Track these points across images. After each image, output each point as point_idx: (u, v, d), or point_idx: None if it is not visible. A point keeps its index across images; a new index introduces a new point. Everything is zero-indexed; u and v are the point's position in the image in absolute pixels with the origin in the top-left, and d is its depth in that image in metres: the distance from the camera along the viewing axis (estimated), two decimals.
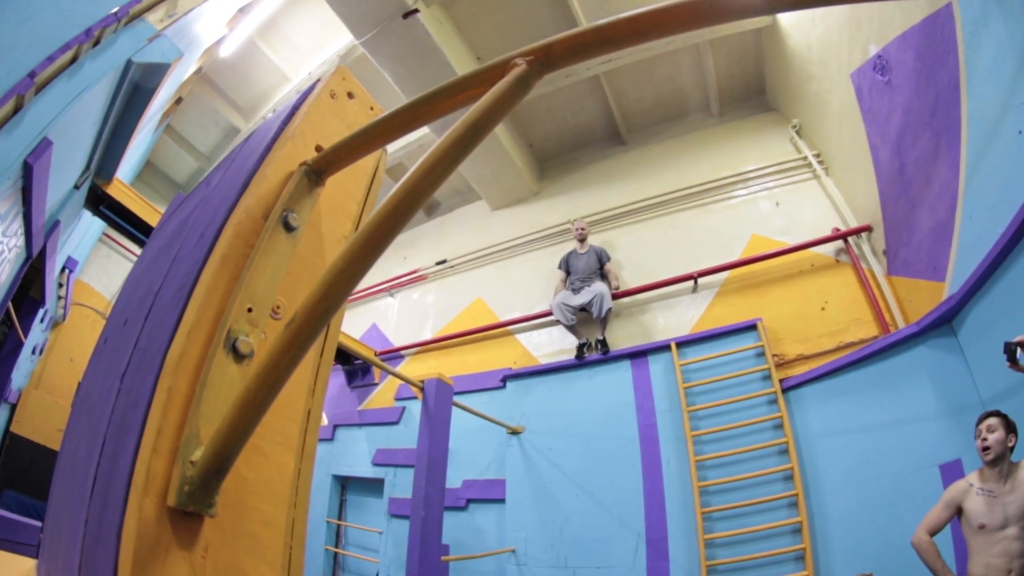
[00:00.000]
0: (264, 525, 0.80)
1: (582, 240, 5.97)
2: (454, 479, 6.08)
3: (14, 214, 2.86)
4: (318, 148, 0.98)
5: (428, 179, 0.67)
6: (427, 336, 7.61)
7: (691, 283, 5.42)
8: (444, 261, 8.14)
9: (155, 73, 3.38)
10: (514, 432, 5.75)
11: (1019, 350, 2.23)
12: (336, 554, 7.42)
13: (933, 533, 2.79)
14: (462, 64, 5.76)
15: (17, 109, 2.35)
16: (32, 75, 2.33)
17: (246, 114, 8.80)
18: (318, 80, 1.15)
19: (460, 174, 7.71)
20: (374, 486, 6.79)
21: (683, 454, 4.64)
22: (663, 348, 5.18)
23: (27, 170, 2.56)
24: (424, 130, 7.38)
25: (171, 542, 0.70)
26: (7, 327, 4.94)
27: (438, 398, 4.30)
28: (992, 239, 2.97)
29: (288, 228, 0.81)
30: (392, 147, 5.95)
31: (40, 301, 5.18)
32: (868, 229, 4.76)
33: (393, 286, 8.82)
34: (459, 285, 7.81)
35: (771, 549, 4.10)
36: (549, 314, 6.04)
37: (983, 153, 3.09)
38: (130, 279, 1.92)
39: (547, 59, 0.75)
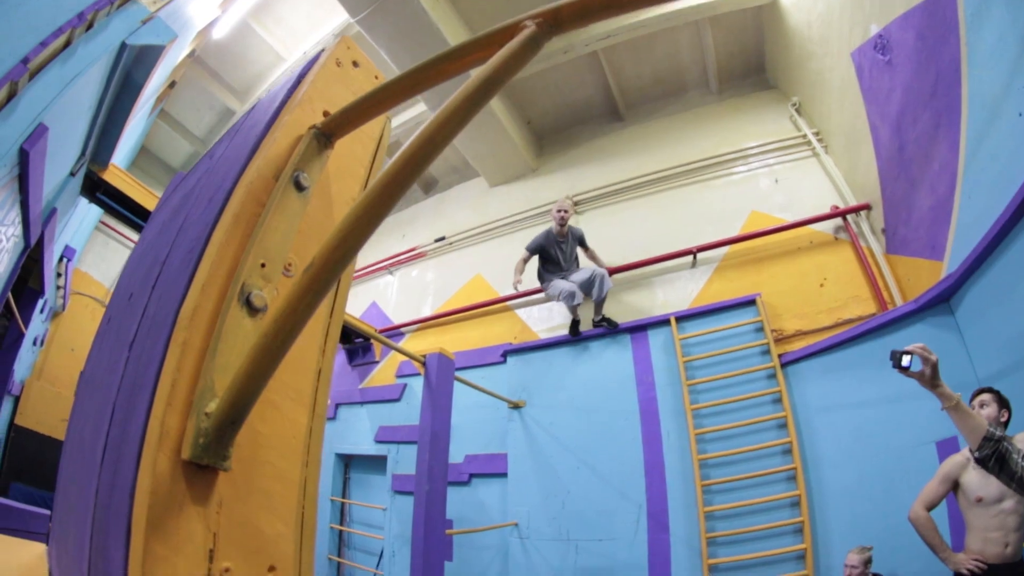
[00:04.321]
0: (278, 481, 0.80)
1: (563, 224, 5.59)
2: (456, 454, 6.14)
3: (11, 202, 2.84)
4: (325, 113, 0.99)
5: (441, 133, 0.68)
6: (427, 313, 7.65)
7: (690, 258, 5.43)
8: (443, 238, 8.14)
9: (149, 56, 3.36)
10: (515, 406, 5.81)
11: (904, 357, 2.31)
12: (341, 532, 7.52)
13: (930, 508, 2.82)
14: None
15: (11, 95, 2.32)
16: (26, 61, 2.30)
17: (241, 96, 8.70)
18: (323, 50, 1.15)
19: (457, 151, 7.70)
20: (377, 463, 6.86)
21: (683, 427, 4.69)
22: (663, 323, 5.21)
23: (23, 157, 2.54)
24: (420, 107, 7.34)
25: (185, 497, 0.69)
26: (7, 319, 4.90)
27: (440, 372, 4.32)
28: (991, 219, 2.98)
29: (299, 188, 0.82)
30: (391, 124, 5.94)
31: (39, 291, 5.13)
32: (867, 207, 4.77)
33: (392, 264, 8.83)
34: (458, 262, 7.82)
35: (770, 522, 4.17)
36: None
37: (983, 134, 3.09)
38: (132, 259, 1.92)
39: (556, 21, 0.76)
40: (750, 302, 4.85)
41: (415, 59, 5.25)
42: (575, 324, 5.57)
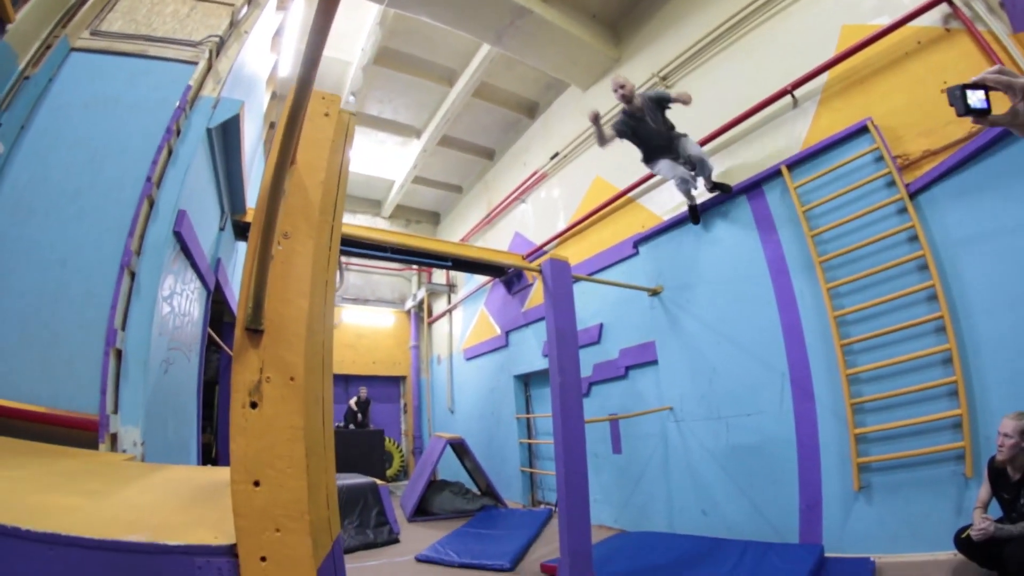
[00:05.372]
0: (294, 335, 1.37)
1: (629, 100, 4.94)
2: (611, 351, 6.56)
3: (184, 266, 3.83)
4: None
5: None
6: (562, 227, 7.96)
7: (789, 99, 4.86)
8: (556, 154, 8.29)
9: (231, 124, 4.07)
10: (654, 293, 5.95)
11: (970, 94, 1.37)
12: (530, 445, 8.50)
13: None
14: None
15: (151, 204, 3.21)
16: (148, 178, 3.16)
17: None
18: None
19: (539, 69, 7.68)
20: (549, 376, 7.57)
21: (815, 283, 4.39)
22: (774, 175, 4.82)
23: (178, 237, 3.45)
24: None
25: (248, 344, 1.31)
26: (217, 352, 6.46)
27: (555, 276, 4.51)
28: None
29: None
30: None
31: (234, 321, 6.62)
32: None
33: (521, 192, 9.24)
34: (576, 171, 7.94)
35: (919, 383, 3.74)
36: None
37: None
38: None
39: None
40: (861, 130, 4.22)
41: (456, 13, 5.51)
42: (693, 210, 5.47)
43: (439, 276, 12.50)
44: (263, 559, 1.14)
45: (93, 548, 1.14)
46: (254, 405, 1.24)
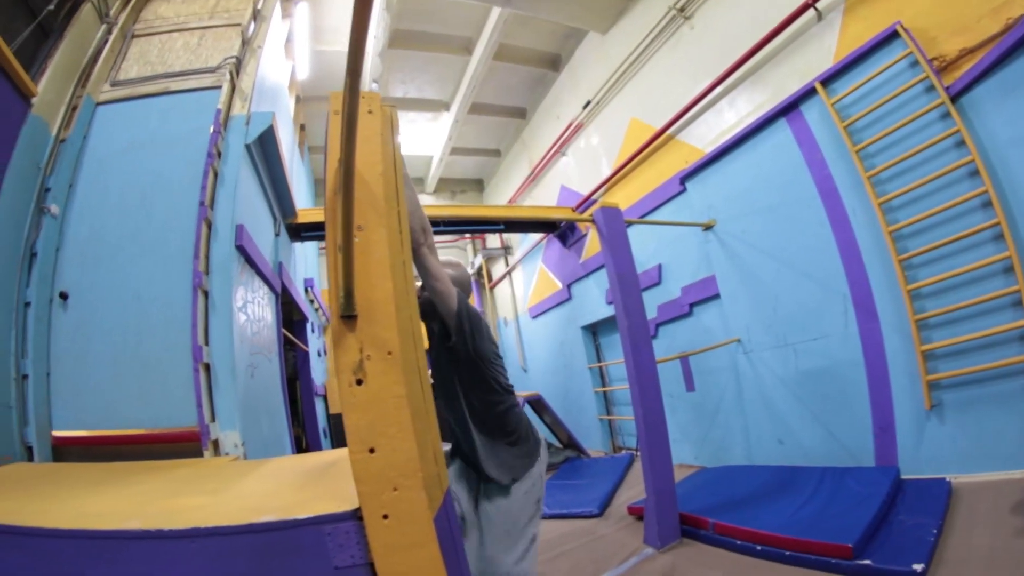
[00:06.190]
0: (385, 314, 1.49)
1: None
2: (673, 290, 6.62)
3: (250, 275, 4.12)
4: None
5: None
6: (606, 173, 7.93)
7: (812, 13, 4.65)
8: (588, 103, 8.18)
9: (268, 136, 4.26)
10: (707, 227, 5.93)
11: None
12: (605, 393, 8.69)
13: None
14: None
15: (210, 226, 3.47)
16: (202, 203, 3.41)
17: None
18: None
19: (554, 20, 7.53)
20: (614, 323, 7.53)
21: (865, 199, 4.28)
22: (809, 93, 4.65)
23: (241, 250, 3.71)
24: None
25: (345, 330, 1.43)
26: (293, 350, 6.93)
27: (608, 223, 4.56)
28: None
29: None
30: None
31: (304, 319, 7.15)
32: None
33: (561, 146, 9.20)
34: (611, 116, 7.82)
35: (982, 294, 3.63)
36: (699, 100, 5.94)
37: None
38: None
39: None
40: (891, 35, 3.99)
41: None
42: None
43: (493, 241, 12.69)
44: (385, 516, 1.31)
45: (231, 534, 1.30)
46: (359, 382, 1.39)
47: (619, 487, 5.82)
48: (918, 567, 2.60)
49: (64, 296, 3.18)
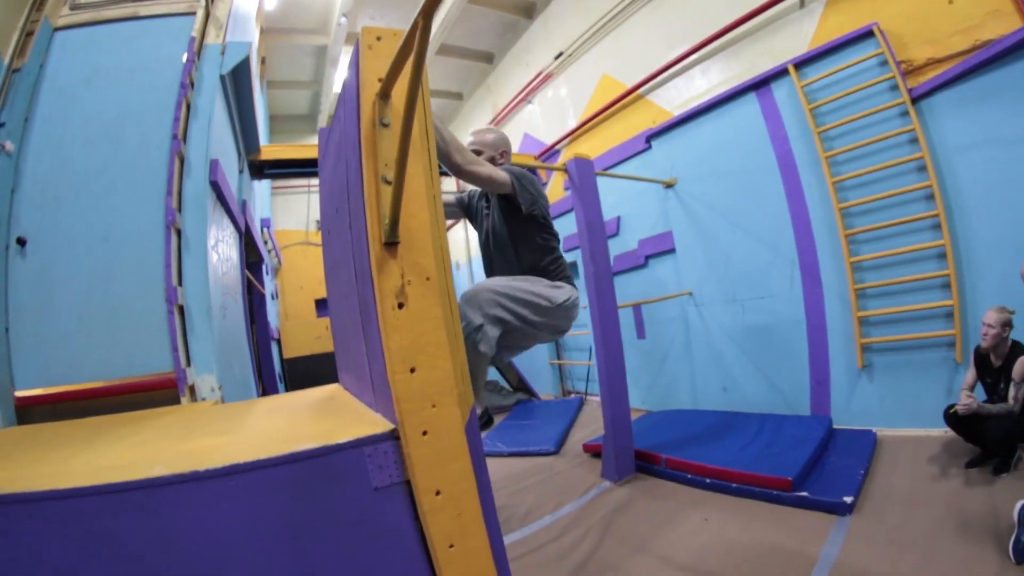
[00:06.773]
0: (423, 241, 1.56)
1: None
2: (631, 242, 6.97)
3: (221, 213, 4.01)
4: (380, 79, 1.60)
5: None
6: (572, 124, 8.05)
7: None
8: (561, 54, 8.19)
9: (243, 68, 4.05)
10: (668, 185, 6.24)
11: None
12: (561, 366, 9.00)
13: None
14: None
15: (183, 160, 3.33)
16: (175, 136, 3.27)
17: (322, 31, 9.34)
18: (357, 41, 1.72)
19: None
20: (573, 270, 7.85)
21: (821, 177, 4.71)
22: (782, 73, 4.97)
23: (215, 186, 3.61)
24: None
25: (387, 256, 1.48)
26: (249, 291, 6.84)
27: (580, 173, 4.75)
28: None
29: (384, 125, 1.58)
30: None
31: (260, 260, 7.00)
32: None
33: (527, 93, 9.19)
34: (583, 70, 7.87)
35: (915, 274, 4.18)
36: (673, 64, 6.12)
37: None
38: (322, 188, 2.62)
39: None
40: (867, 34, 4.33)
41: None
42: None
43: (449, 184, 12.61)
44: (424, 433, 1.41)
45: (272, 466, 1.28)
46: (401, 306, 1.44)
47: (571, 428, 6.27)
48: (848, 499, 3.12)
49: (22, 242, 2.94)
